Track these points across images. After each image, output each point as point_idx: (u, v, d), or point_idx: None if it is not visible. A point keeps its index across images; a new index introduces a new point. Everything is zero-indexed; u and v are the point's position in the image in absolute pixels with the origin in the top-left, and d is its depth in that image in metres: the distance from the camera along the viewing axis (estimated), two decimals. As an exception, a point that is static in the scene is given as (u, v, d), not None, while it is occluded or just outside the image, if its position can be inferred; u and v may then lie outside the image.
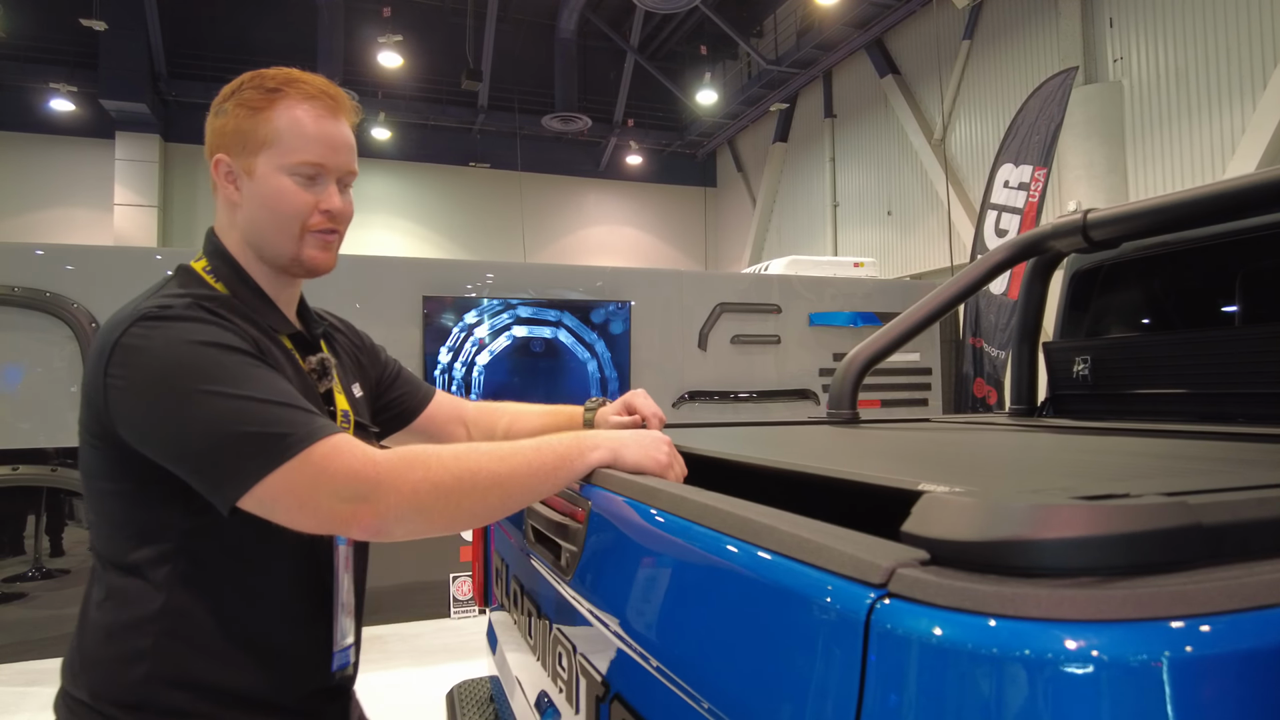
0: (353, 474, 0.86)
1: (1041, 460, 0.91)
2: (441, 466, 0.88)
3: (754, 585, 0.49)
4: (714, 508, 0.56)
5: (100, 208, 16.29)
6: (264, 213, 1.08)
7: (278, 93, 1.07)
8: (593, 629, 0.78)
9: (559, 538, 0.90)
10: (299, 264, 1.10)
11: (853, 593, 0.41)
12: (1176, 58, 9.66)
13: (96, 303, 4.07)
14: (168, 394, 0.88)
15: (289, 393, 0.92)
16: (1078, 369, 1.83)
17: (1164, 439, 1.16)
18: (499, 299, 4.84)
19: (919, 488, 0.51)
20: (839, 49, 15.33)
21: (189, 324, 0.93)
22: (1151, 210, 1.60)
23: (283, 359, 1.05)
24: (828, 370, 5.46)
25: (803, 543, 0.46)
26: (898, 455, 0.98)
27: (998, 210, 6.53)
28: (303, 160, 1.06)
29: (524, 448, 0.93)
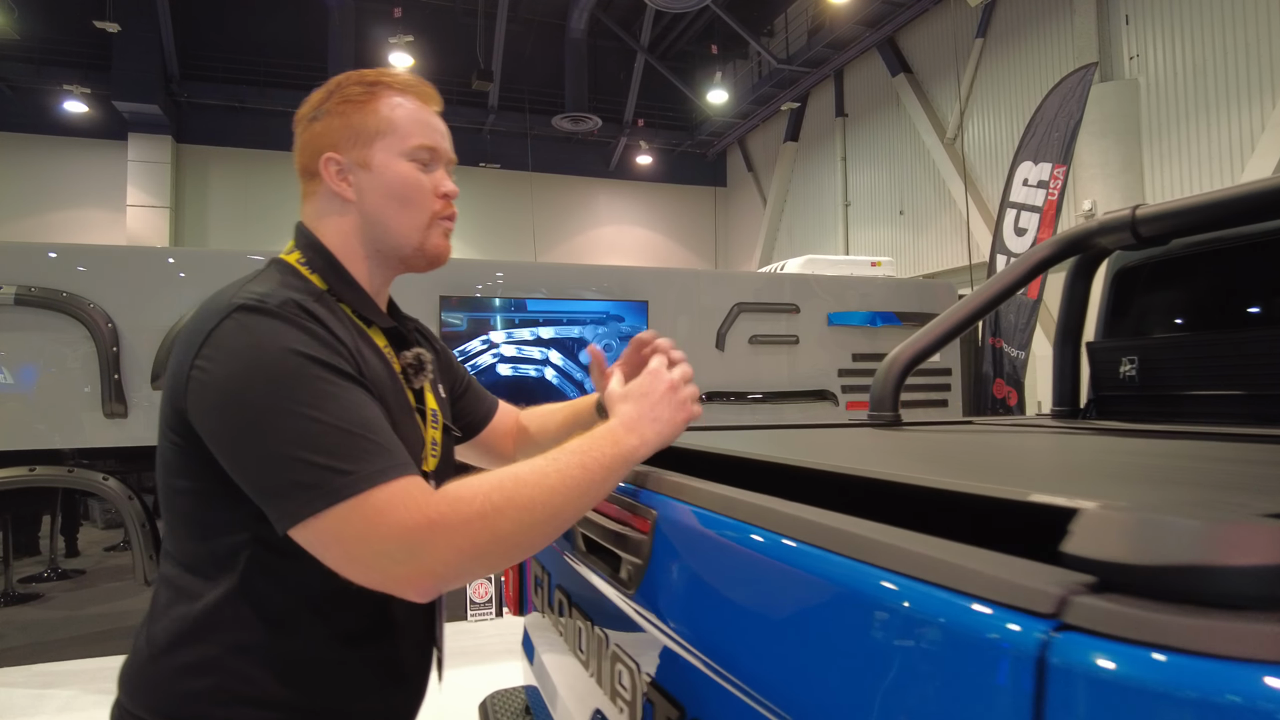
0: (406, 531, 0.81)
1: (1148, 466, 0.86)
2: (499, 513, 0.83)
3: (885, 614, 0.44)
4: (826, 526, 0.51)
5: (113, 209, 16.37)
6: (389, 201, 1.05)
7: (377, 85, 1.07)
8: (664, 647, 0.73)
9: (619, 548, 0.86)
10: (422, 253, 1.09)
11: (1019, 624, 0.37)
12: (1194, 54, 9.55)
13: (113, 303, 4.05)
14: (244, 399, 0.85)
15: (367, 418, 0.87)
16: (1125, 370, 1.78)
17: (1247, 444, 1.10)
18: (516, 298, 4.81)
19: (1069, 503, 0.46)
20: (850, 48, 15.24)
21: (283, 324, 0.89)
22: (1204, 206, 1.55)
23: (374, 357, 1.02)
24: (847, 370, 5.40)
25: (945, 565, 0.41)
26: (975, 462, 0.93)
27: (1017, 209, 6.46)
28: (419, 144, 1.06)
29: (571, 470, 0.88)
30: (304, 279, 1.02)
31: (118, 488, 4.05)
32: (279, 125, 15.87)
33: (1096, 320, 2.00)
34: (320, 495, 0.80)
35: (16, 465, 3.97)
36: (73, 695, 3.61)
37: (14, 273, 3.94)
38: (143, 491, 4.18)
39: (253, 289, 0.93)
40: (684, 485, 0.75)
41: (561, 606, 1.15)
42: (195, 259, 4.42)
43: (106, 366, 4.01)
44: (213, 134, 17.34)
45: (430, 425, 1.10)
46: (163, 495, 0.97)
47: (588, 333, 4.89)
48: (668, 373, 1.03)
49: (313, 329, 0.90)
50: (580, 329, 4.89)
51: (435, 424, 1.12)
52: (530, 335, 4.83)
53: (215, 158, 17.47)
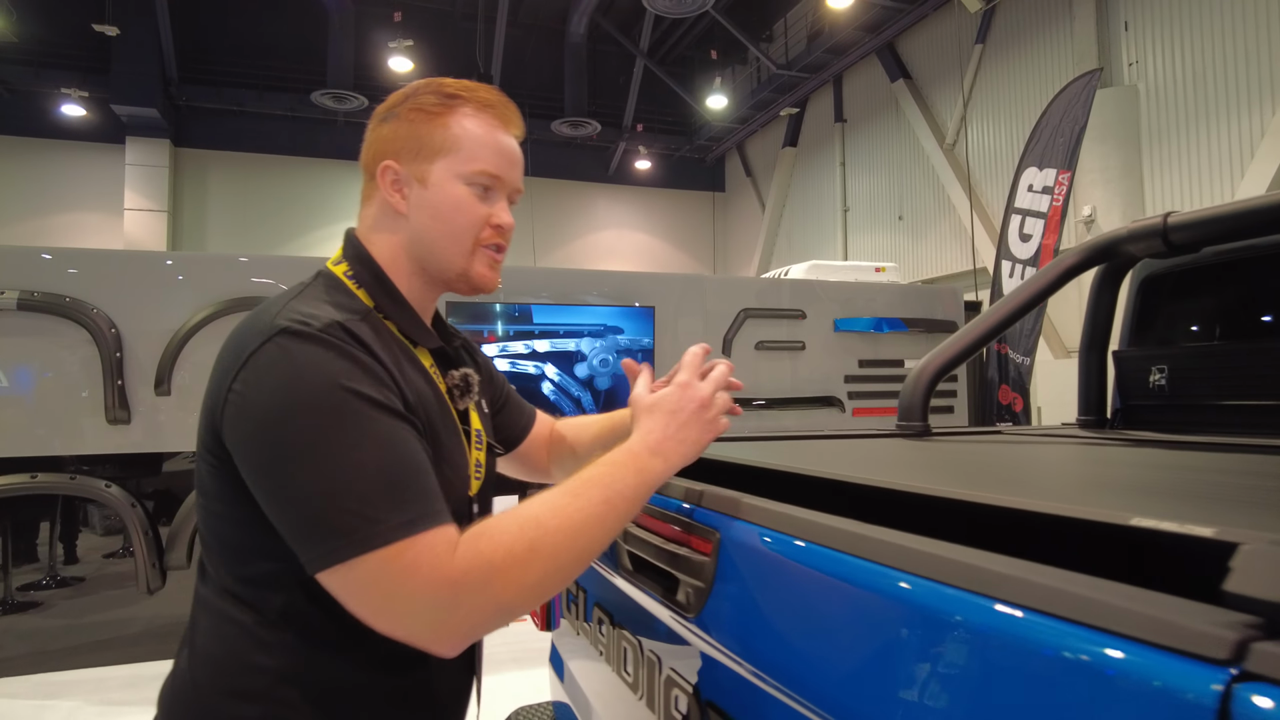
0: (431, 589, 0.78)
1: (1232, 485, 0.83)
2: (524, 565, 0.80)
3: (1023, 655, 0.41)
4: (936, 556, 0.48)
5: (111, 212, 16.32)
6: (436, 223, 1.01)
7: (457, 99, 1.02)
8: (733, 675, 0.70)
9: (677, 570, 0.83)
10: (465, 280, 1.04)
11: (1192, 672, 0.34)
12: (1193, 61, 9.57)
13: (116, 308, 4.02)
14: (279, 433, 0.82)
15: (405, 460, 0.83)
16: (1154, 379, 1.76)
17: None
18: (523, 304, 4.78)
19: (1222, 537, 0.43)
20: (850, 53, 15.26)
21: (326, 352, 0.85)
22: (1237, 214, 1.53)
23: (419, 379, 0.98)
24: (853, 377, 5.38)
25: (1093, 603, 0.39)
26: (1035, 478, 0.91)
27: (1022, 214, 6.46)
28: (481, 170, 1.01)
29: (593, 506, 0.84)
30: (350, 295, 0.98)
31: (120, 494, 4.01)
32: (279, 129, 15.85)
33: (1121, 329, 1.98)
34: (350, 544, 0.78)
35: (17, 472, 3.93)
36: (75, 706, 3.56)
37: (16, 277, 3.90)
38: (145, 498, 4.14)
39: (297, 308, 0.89)
40: (755, 506, 0.72)
41: (602, 625, 1.12)
42: (200, 264, 4.38)
43: (110, 372, 3.97)
44: (212, 138, 17.30)
45: (475, 446, 1.07)
46: (200, 516, 0.94)
47: (592, 341, 4.86)
48: (699, 385, 0.98)
49: (358, 357, 0.86)
50: (588, 334, 4.86)
51: (479, 444, 1.09)
52: (547, 344, 4.80)
53: (214, 162, 17.43)
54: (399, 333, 1.00)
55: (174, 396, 4.08)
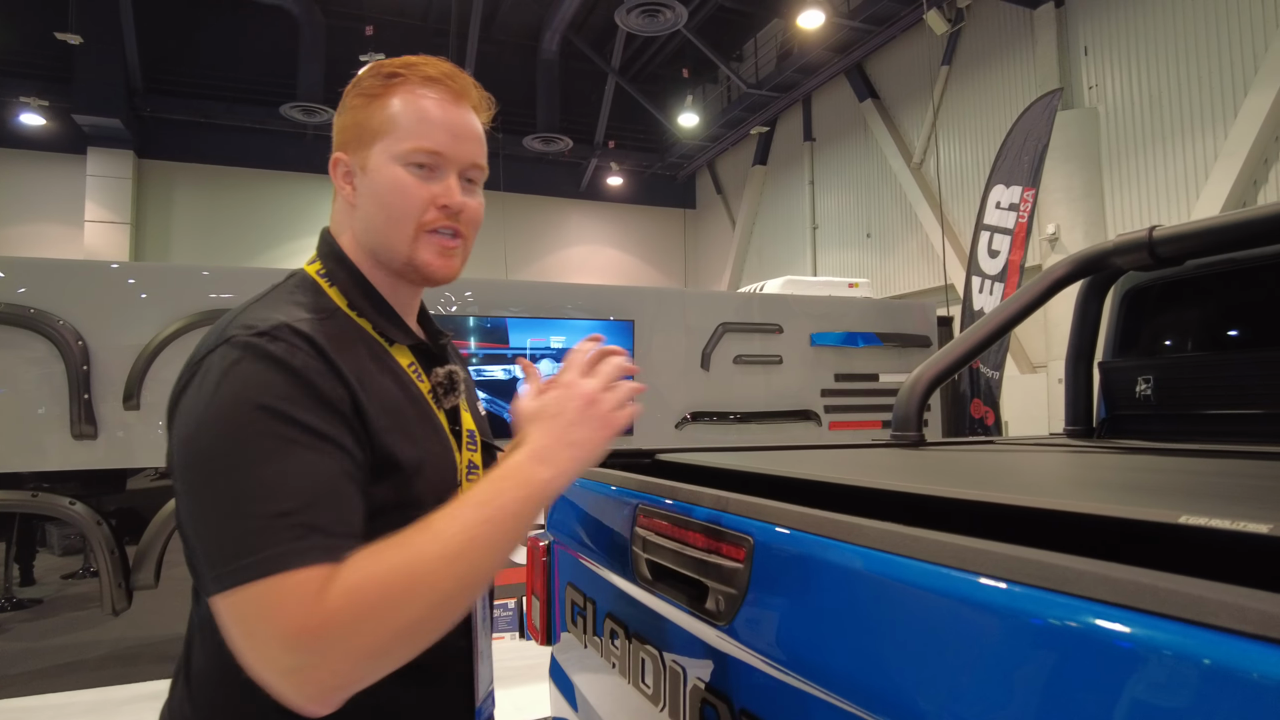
0: (293, 633, 0.71)
1: (1232, 486, 0.85)
2: (399, 603, 0.73)
3: (1111, 653, 0.41)
4: (995, 553, 0.48)
5: (70, 224, 15.96)
6: (377, 209, 0.96)
7: (395, 78, 0.96)
8: (772, 683, 0.69)
9: (706, 578, 0.82)
10: (413, 269, 0.98)
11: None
12: (1150, 86, 9.88)
13: (83, 320, 3.91)
14: (193, 446, 0.79)
15: (305, 488, 0.77)
16: (1140, 389, 1.79)
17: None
18: (500, 316, 4.75)
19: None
20: (819, 73, 15.52)
21: (258, 364, 0.81)
22: (1221, 228, 1.57)
23: (390, 382, 0.93)
24: (829, 391, 5.42)
25: (1167, 593, 0.39)
26: (1045, 483, 0.91)
27: (990, 231, 6.59)
28: (416, 146, 0.94)
29: (475, 528, 0.78)
30: (320, 295, 0.95)
31: (85, 512, 3.89)
32: (247, 141, 15.67)
33: (1105, 341, 2.02)
34: (223, 575, 0.73)
35: (-24, 490, 3.80)
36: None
37: (-22, 288, 3.79)
38: (110, 516, 4.02)
39: (254, 313, 0.87)
40: (789, 511, 0.71)
41: (615, 636, 1.11)
42: (171, 275, 4.29)
43: (76, 386, 3.86)
44: (178, 149, 17.03)
45: (467, 448, 1.02)
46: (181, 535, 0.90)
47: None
48: (583, 382, 0.90)
49: (293, 368, 0.81)
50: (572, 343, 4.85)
51: (472, 445, 1.03)
52: (528, 353, 4.77)
53: (180, 174, 17.15)
54: (375, 331, 0.97)
55: (143, 411, 3.98)
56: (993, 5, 12.03)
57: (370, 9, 17.11)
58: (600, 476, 1.26)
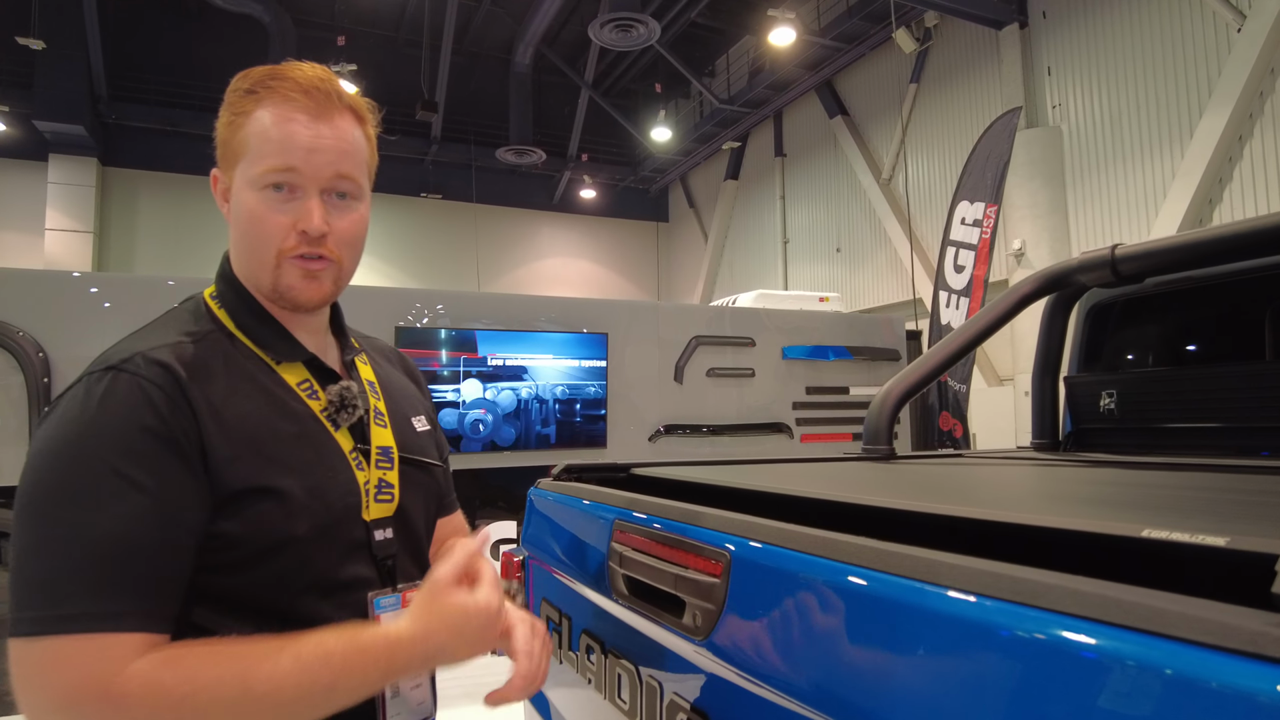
0: (70, 696, 0.69)
1: (1213, 499, 0.87)
2: (193, 694, 0.72)
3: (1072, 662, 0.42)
4: (968, 568, 0.49)
5: (31, 232, 15.62)
6: (240, 236, 0.93)
7: (254, 94, 0.92)
8: (748, 696, 0.70)
9: (683, 592, 0.82)
10: (279, 295, 0.94)
11: (1259, 672, 0.35)
12: (1110, 106, 10.15)
13: (45, 331, 3.83)
14: (24, 480, 0.78)
15: (131, 543, 0.75)
16: (1104, 403, 1.84)
17: (1256, 475, 1.14)
18: (473, 329, 4.73)
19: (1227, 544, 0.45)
20: (790, 90, 15.72)
21: (103, 400, 0.80)
22: (1180, 246, 1.62)
23: (260, 401, 0.90)
24: (801, 404, 5.47)
25: (1129, 605, 0.40)
26: (1014, 497, 0.93)
27: (956, 246, 6.71)
28: (267, 168, 0.89)
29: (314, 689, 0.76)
30: (199, 318, 0.94)
31: (44, 528, 3.79)
32: (214, 150, 15.52)
33: (1070, 356, 2.06)
34: (17, 620, 0.72)
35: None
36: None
37: (-66, 298, 3.70)
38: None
39: (122, 345, 0.86)
40: (766, 526, 0.72)
41: (590, 652, 1.10)
42: (136, 286, 4.22)
43: (36, 399, 3.77)
44: (143, 157, 16.75)
45: (377, 465, 0.97)
46: None
47: (557, 365, 4.84)
48: (494, 608, 0.88)
49: (133, 401, 0.80)
50: (551, 358, 4.84)
51: (385, 462, 0.99)
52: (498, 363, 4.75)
53: (145, 182, 16.86)
54: (261, 351, 0.94)
55: (105, 424, 3.89)
56: (960, 25, 12.28)
57: (342, 19, 17.02)
58: (576, 492, 1.26)
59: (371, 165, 1.01)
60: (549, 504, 1.32)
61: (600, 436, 4.86)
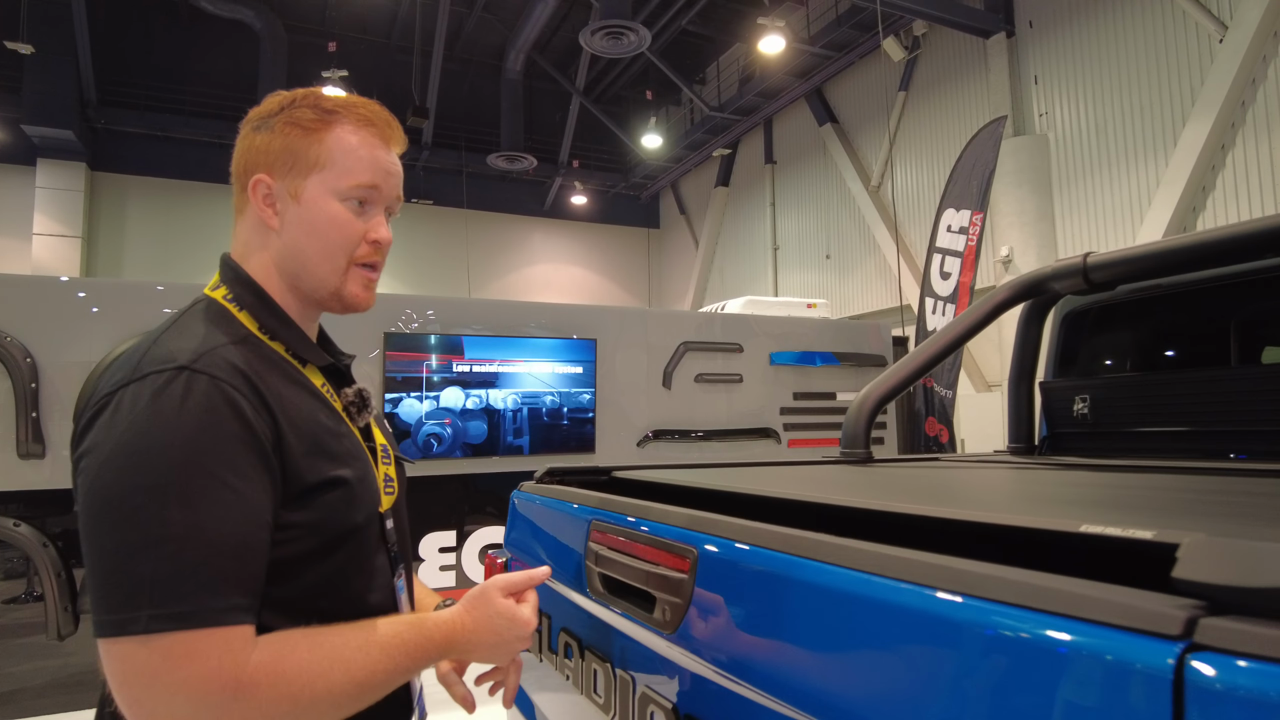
0: (206, 686, 0.73)
1: (1168, 499, 0.91)
2: (313, 702, 0.79)
3: (997, 643, 0.46)
4: (913, 560, 0.53)
5: (18, 237, 15.54)
6: (311, 240, 0.98)
7: (334, 114, 0.99)
8: (712, 686, 0.73)
9: (653, 588, 0.85)
10: (339, 299, 1.01)
11: (1150, 648, 0.39)
12: (1096, 114, 10.26)
13: (32, 336, 3.83)
14: (104, 479, 0.78)
15: (225, 538, 0.78)
16: (1078, 408, 1.88)
17: (1216, 476, 1.18)
18: (462, 334, 4.75)
19: (1163, 538, 0.49)
20: (780, 97, 15.81)
21: (180, 401, 0.80)
22: (1150, 255, 1.66)
23: (307, 400, 0.95)
24: (788, 409, 5.50)
25: (1058, 594, 0.44)
26: (979, 497, 0.97)
27: (942, 253, 6.77)
28: (357, 184, 0.98)
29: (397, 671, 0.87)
30: (231, 320, 0.95)
31: (30, 534, 3.79)
32: (204, 155, 15.35)
33: (1046, 361, 2.11)
34: (119, 619, 0.73)
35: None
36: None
37: (-78, 304, 3.69)
38: (56, 538, 3.92)
39: (167, 344, 0.86)
40: (731, 524, 0.75)
41: (569, 650, 1.13)
42: (124, 290, 4.22)
43: (24, 403, 3.77)
44: (132, 162, 16.70)
45: (381, 461, 1.05)
46: None
47: (544, 369, 4.86)
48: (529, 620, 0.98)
49: (215, 405, 0.82)
50: (539, 364, 4.86)
51: (386, 459, 1.07)
52: (488, 369, 4.77)
53: (134, 187, 16.81)
54: (286, 353, 0.97)
55: (93, 430, 3.89)
56: (948, 34, 12.40)
57: (333, 25, 17.03)
58: (557, 494, 1.29)
59: None
60: (531, 506, 1.35)
61: (589, 441, 4.88)
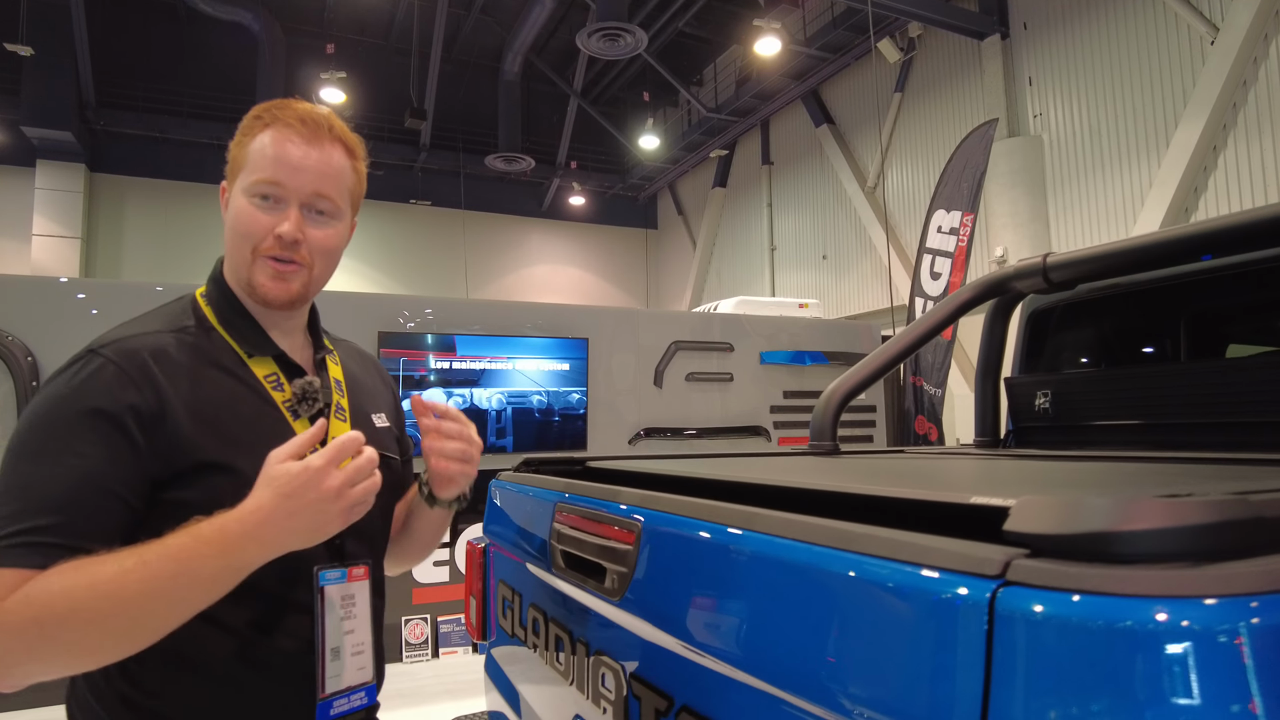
0: None
1: (1064, 478, 0.98)
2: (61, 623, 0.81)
3: (864, 589, 0.54)
4: (807, 524, 0.60)
5: (17, 238, 15.62)
6: (229, 235, 1.07)
7: (260, 119, 1.07)
8: (651, 646, 0.80)
9: (604, 560, 0.93)
10: (251, 291, 1.07)
11: (974, 585, 0.46)
12: (1089, 116, 10.33)
13: (33, 336, 3.90)
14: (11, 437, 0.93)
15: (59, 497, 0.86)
16: (1039, 403, 1.95)
17: (1150, 464, 1.25)
18: (456, 334, 4.82)
19: (1003, 502, 0.56)
20: (776, 99, 15.89)
21: (72, 380, 0.94)
22: (1105, 255, 1.73)
23: (227, 391, 1.02)
24: (778, 407, 5.58)
25: (908, 545, 0.51)
26: (916, 478, 1.04)
27: (932, 254, 6.84)
28: (258, 179, 1.04)
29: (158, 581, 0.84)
30: (182, 313, 1.08)
31: (31, 529, 3.86)
32: (203, 157, 15.34)
33: (1013, 358, 2.18)
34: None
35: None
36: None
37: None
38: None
39: (121, 327, 1.03)
40: (669, 499, 0.83)
41: (536, 625, 1.21)
42: (124, 291, 4.29)
43: (25, 403, 3.84)
44: (131, 164, 16.78)
45: None
46: None
47: (534, 367, 4.94)
48: (330, 474, 0.90)
49: (93, 381, 0.93)
50: (532, 362, 4.94)
51: None
52: (480, 368, 4.85)
53: (133, 188, 16.89)
54: (236, 346, 1.07)
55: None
56: (942, 35, 12.48)
57: (331, 27, 17.11)
58: (530, 481, 1.37)
59: (356, 193, 1.15)
60: (506, 493, 1.43)
61: (581, 439, 4.96)
